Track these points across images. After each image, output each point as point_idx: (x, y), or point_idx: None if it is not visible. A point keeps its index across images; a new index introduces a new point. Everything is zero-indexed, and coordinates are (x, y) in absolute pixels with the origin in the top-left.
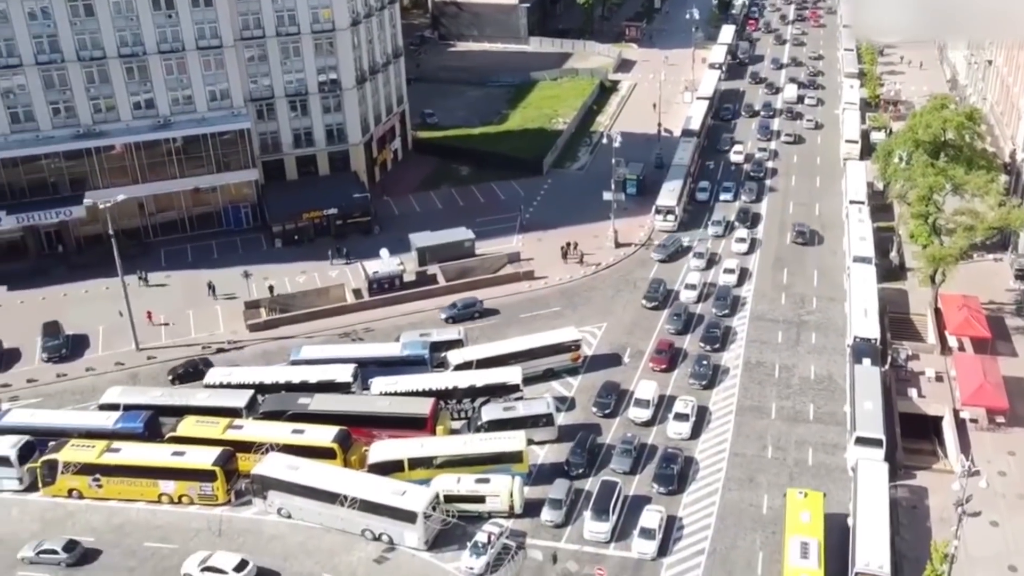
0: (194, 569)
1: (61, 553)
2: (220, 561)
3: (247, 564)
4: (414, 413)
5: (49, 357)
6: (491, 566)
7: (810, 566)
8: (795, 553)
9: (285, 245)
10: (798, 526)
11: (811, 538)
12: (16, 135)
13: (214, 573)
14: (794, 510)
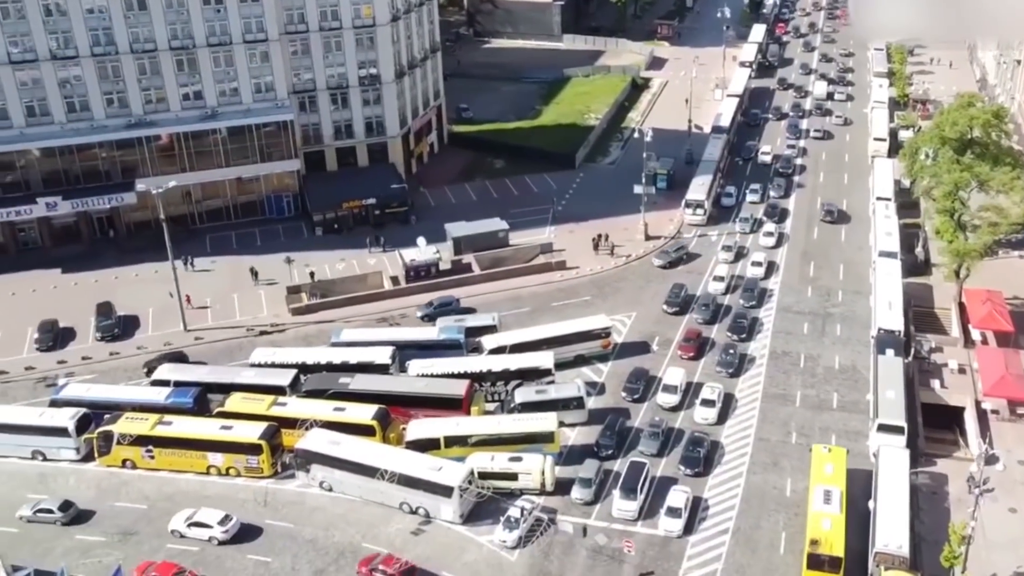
0: (180, 525)
1: (56, 512)
2: (205, 516)
3: (231, 519)
4: (450, 394)
5: (103, 336)
6: (523, 540)
7: (832, 511)
8: (819, 499)
9: (325, 233)
10: (822, 477)
11: (834, 487)
12: (72, 124)
13: (200, 527)
14: (819, 463)
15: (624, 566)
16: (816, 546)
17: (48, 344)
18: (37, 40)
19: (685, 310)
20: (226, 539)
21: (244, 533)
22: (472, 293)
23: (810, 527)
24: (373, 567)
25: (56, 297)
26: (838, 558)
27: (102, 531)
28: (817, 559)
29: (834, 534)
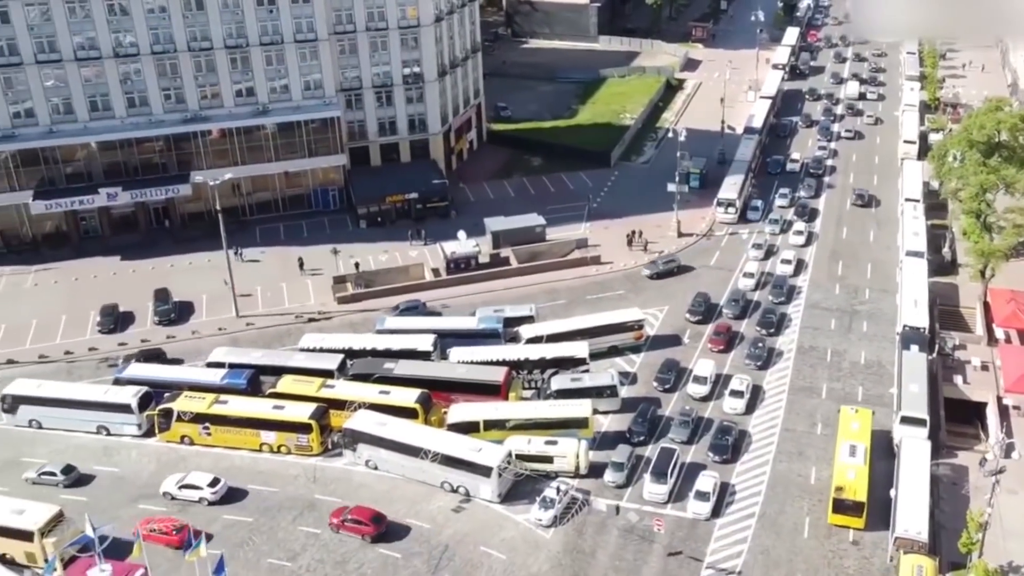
0: (172, 487)
1: (59, 475)
2: (195, 479)
3: (219, 481)
4: (489, 380)
5: (160, 320)
6: (558, 519)
7: (856, 463)
8: (845, 452)
9: (369, 226)
10: (849, 433)
11: (859, 442)
12: (132, 118)
13: (190, 489)
14: (846, 422)
15: (654, 545)
16: (841, 492)
17: (110, 327)
18: (101, 38)
19: (708, 319)
20: (215, 500)
21: (294, 506)
22: (510, 285)
23: (836, 476)
24: (344, 518)
25: (116, 283)
26: (860, 503)
27: (164, 503)
28: (842, 503)
29: (858, 482)
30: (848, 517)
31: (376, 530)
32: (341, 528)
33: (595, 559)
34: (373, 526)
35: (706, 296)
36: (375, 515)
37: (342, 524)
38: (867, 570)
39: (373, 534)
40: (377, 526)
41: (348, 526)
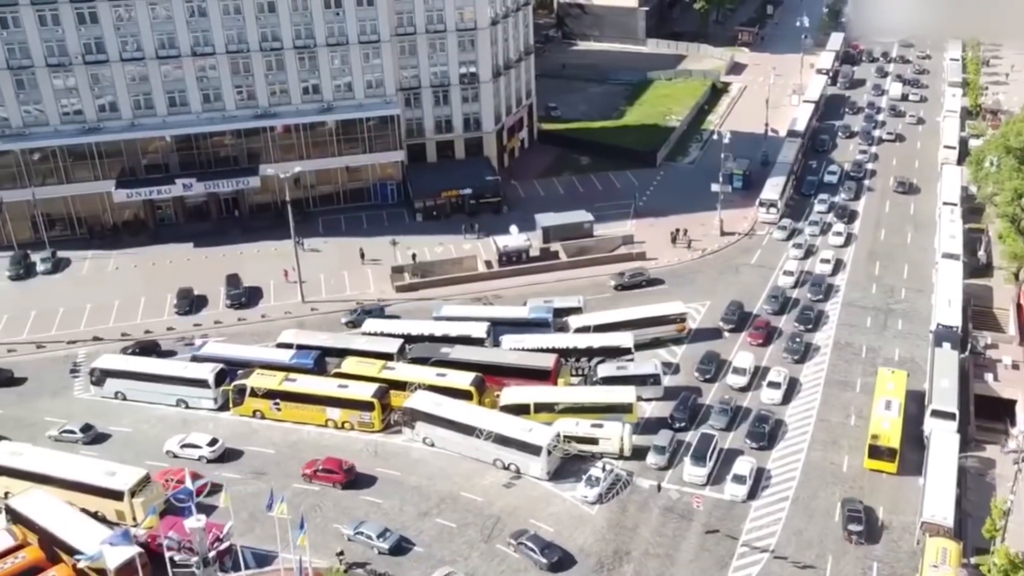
0: (175, 446)
1: (78, 433)
2: (196, 439)
3: (217, 441)
4: (539, 366)
5: (231, 304)
6: (602, 497)
7: (891, 415)
8: (881, 407)
9: (425, 219)
10: (885, 391)
11: (894, 398)
12: (206, 114)
13: (191, 448)
14: (883, 381)
15: (692, 523)
16: (876, 440)
17: (185, 309)
18: (180, 38)
19: (741, 328)
20: (213, 458)
21: (358, 478)
22: (559, 278)
23: (872, 426)
24: (316, 468)
25: (190, 268)
26: (894, 449)
27: (239, 471)
28: (877, 449)
29: (892, 432)
30: (882, 462)
31: (345, 478)
32: (313, 478)
33: (637, 534)
34: (343, 474)
35: (739, 304)
36: (344, 465)
37: (314, 474)
38: (895, 552)
39: (343, 482)
40: (347, 475)
41: (320, 475)
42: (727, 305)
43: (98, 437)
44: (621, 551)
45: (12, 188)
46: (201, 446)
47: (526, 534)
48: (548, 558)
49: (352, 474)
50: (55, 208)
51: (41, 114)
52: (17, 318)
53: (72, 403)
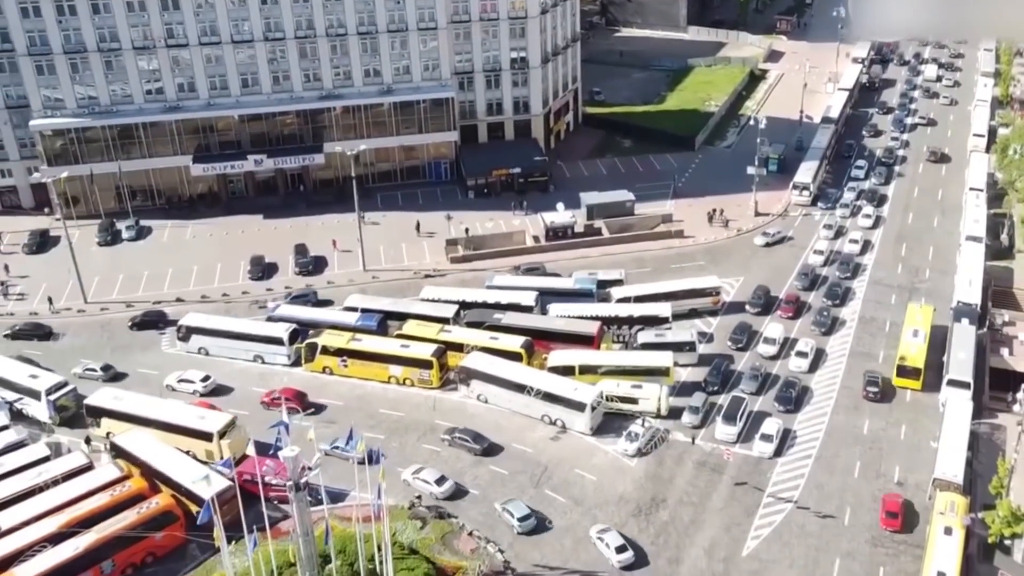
0: (172, 381)
1: (99, 371)
2: (191, 375)
3: (209, 377)
4: (584, 332)
5: (300, 271)
6: (641, 450)
7: (918, 342)
8: (909, 334)
9: (476, 196)
10: (914, 322)
11: (920, 328)
12: (276, 94)
13: (186, 383)
14: (912, 314)
15: (723, 476)
16: (904, 360)
17: (258, 275)
18: (254, 24)
19: (767, 311)
20: (206, 392)
21: (418, 428)
22: (602, 253)
23: (901, 349)
24: (273, 396)
25: (260, 238)
26: (919, 368)
27: (313, 420)
28: (904, 369)
29: (917, 355)
30: (908, 380)
31: (300, 405)
32: (272, 405)
33: (672, 484)
34: (297, 401)
35: (766, 289)
36: (299, 393)
37: (272, 402)
38: (908, 505)
39: (299, 408)
40: (300, 401)
41: (276, 402)
42: (754, 289)
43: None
44: (657, 499)
45: (100, 161)
46: (195, 381)
47: (457, 430)
48: (480, 444)
49: (305, 401)
50: (137, 180)
51: (127, 93)
52: (107, 280)
53: (160, 357)
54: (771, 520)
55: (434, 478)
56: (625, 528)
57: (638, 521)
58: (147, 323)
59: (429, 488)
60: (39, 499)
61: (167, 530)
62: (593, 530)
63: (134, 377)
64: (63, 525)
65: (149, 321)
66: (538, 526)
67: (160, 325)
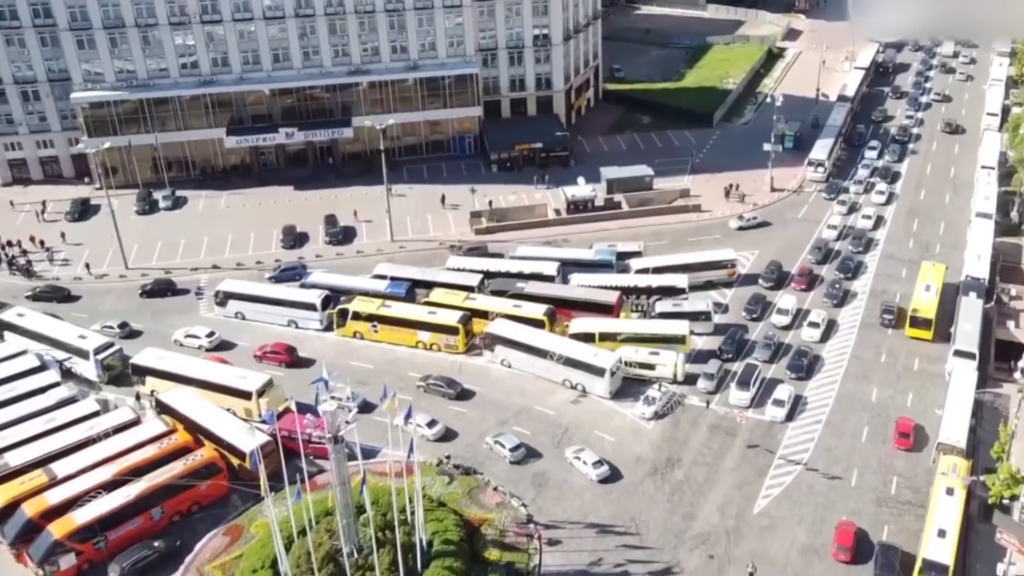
0: (180, 336)
1: (116, 328)
2: (196, 331)
3: (214, 333)
4: (603, 301)
5: (330, 240)
6: (658, 414)
7: (929, 296)
8: (922, 289)
9: (499, 170)
10: (927, 278)
11: (932, 283)
12: (306, 69)
13: (192, 338)
14: (925, 270)
15: (736, 439)
16: (916, 312)
17: (290, 243)
18: (285, 1)
19: (780, 286)
20: (211, 347)
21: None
22: (621, 226)
23: (913, 301)
24: (265, 350)
25: (291, 208)
26: (930, 319)
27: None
28: (916, 319)
29: (928, 307)
30: (920, 330)
31: (289, 359)
32: (263, 359)
33: (687, 446)
34: (287, 355)
35: (778, 264)
36: (288, 348)
37: (264, 355)
38: (912, 469)
39: (287, 362)
40: (290, 355)
41: (268, 356)
42: (767, 264)
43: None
44: (673, 459)
45: (137, 133)
46: (201, 337)
47: (432, 376)
48: (454, 389)
49: (295, 355)
50: (173, 152)
51: (163, 68)
52: (146, 248)
53: (198, 321)
54: (781, 480)
55: (425, 422)
56: (642, 486)
57: (654, 480)
58: (156, 291)
59: (421, 431)
60: (92, 450)
61: (211, 480)
62: (569, 452)
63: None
64: (115, 474)
65: (158, 289)
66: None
67: (168, 293)
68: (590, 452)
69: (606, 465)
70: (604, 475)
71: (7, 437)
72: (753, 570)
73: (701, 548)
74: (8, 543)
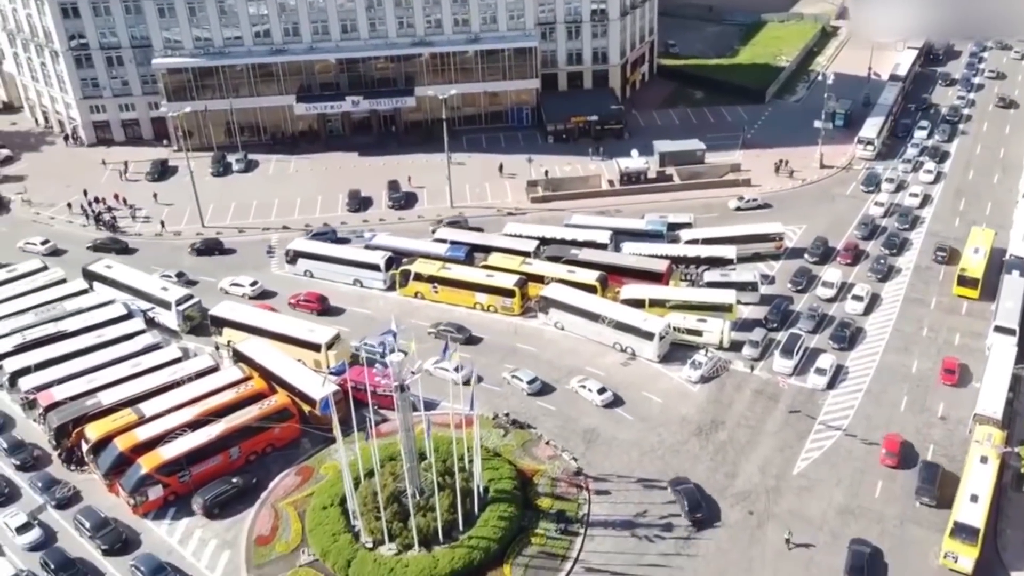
0: (226, 284)
1: (174, 277)
2: (241, 280)
3: (257, 282)
4: (654, 269)
5: (393, 205)
6: (704, 378)
7: (978, 257)
8: (971, 251)
9: (555, 141)
10: (976, 241)
11: (981, 246)
12: (372, 40)
13: (237, 286)
14: (975, 234)
15: (778, 404)
16: (964, 271)
17: (355, 207)
18: None
19: (825, 261)
20: (254, 295)
21: (500, 350)
22: (673, 198)
23: (962, 262)
24: (298, 299)
25: (356, 173)
26: (977, 279)
27: (406, 337)
28: (964, 279)
29: (976, 268)
30: (967, 289)
31: (321, 307)
32: (297, 306)
33: (731, 409)
34: (318, 304)
35: (825, 239)
36: (320, 296)
37: (298, 303)
38: (949, 438)
39: (319, 310)
40: (321, 304)
41: (301, 304)
42: (813, 239)
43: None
44: (717, 421)
45: (212, 99)
46: (245, 285)
47: (442, 323)
48: (463, 334)
49: (326, 304)
50: (245, 117)
51: (237, 36)
52: (220, 208)
53: (268, 277)
54: (821, 444)
55: (453, 367)
56: (686, 445)
57: (699, 439)
58: (204, 249)
59: (449, 375)
60: (175, 393)
61: (284, 424)
62: (574, 381)
63: None
64: (197, 415)
65: (207, 248)
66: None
67: (216, 252)
68: (594, 381)
69: (609, 392)
70: (608, 400)
71: (99, 378)
72: (790, 536)
73: (742, 504)
74: (102, 473)
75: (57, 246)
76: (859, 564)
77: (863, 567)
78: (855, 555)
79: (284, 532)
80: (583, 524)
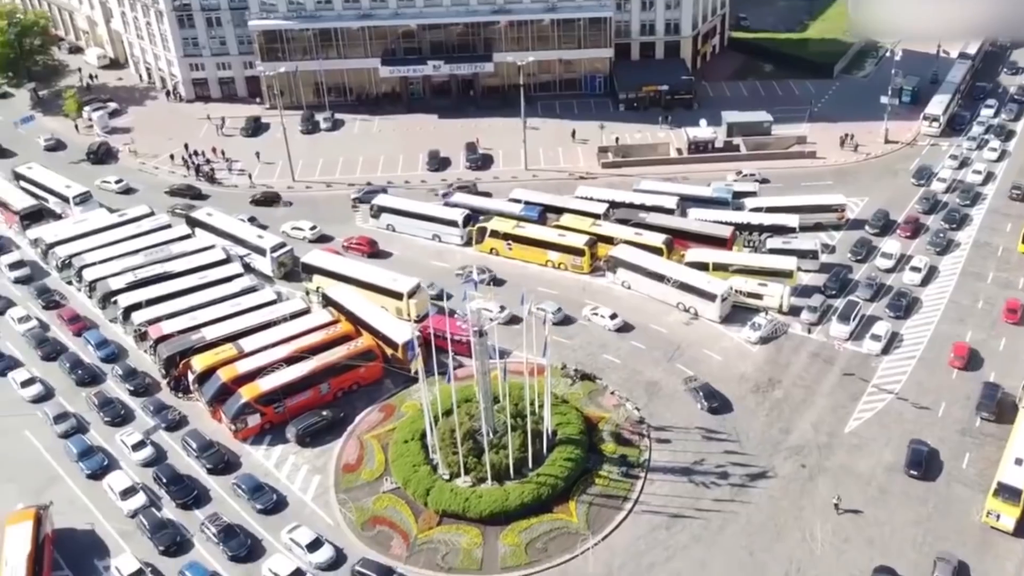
0: (287, 228)
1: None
2: (302, 224)
3: (316, 227)
4: (719, 234)
5: (470, 166)
6: (763, 339)
7: None
8: None
9: (626, 109)
10: None
11: None
12: (454, 7)
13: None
14: None
15: (833, 367)
16: None
17: (435, 166)
18: None
19: (885, 232)
20: (313, 239)
21: (570, 306)
22: (739, 168)
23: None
24: (351, 242)
25: (436, 135)
26: None
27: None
28: None
29: None
30: None
31: (371, 250)
32: (349, 248)
33: (788, 370)
34: (369, 247)
35: (886, 212)
36: (371, 240)
37: (350, 246)
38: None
39: (368, 252)
40: (371, 247)
41: (353, 247)
42: (874, 212)
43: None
44: (774, 380)
45: (303, 60)
46: (305, 229)
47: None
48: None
49: (376, 247)
50: (332, 79)
51: (328, 1)
52: (309, 164)
53: (354, 230)
54: (873, 406)
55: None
56: (744, 400)
57: (756, 396)
58: (263, 201)
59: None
60: (271, 332)
61: (369, 364)
62: (586, 310)
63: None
64: (290, 353)
65: (266, 200)
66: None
67: (274, 203)
68: (604, 308)
69: (620, 317)
70: (619, 324)
71: (202, 316)
72: (838, 501)
73: (795, 458)
74: (206, 401)
75: (129, 185)
76: (918, 459)
77: (921, 462)
78: (914, 452)
79: (369, 462)
80: (644, 469)
